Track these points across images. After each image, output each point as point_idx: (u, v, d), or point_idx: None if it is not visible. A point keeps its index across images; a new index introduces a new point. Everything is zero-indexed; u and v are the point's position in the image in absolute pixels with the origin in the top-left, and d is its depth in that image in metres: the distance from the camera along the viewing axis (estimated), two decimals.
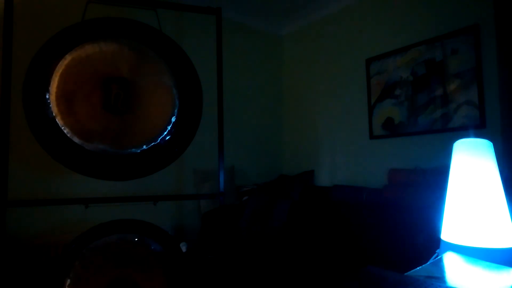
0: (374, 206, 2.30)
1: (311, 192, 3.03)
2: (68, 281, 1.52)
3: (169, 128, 1.70)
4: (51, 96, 1.51)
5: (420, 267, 0.66)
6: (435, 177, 2.15)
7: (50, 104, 1.52)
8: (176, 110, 1.71)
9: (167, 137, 1.71)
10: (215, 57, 2.00)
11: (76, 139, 1.55)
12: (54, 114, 1.52)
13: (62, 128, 1.53)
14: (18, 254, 2.11)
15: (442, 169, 2.12)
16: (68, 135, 1.54)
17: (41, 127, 1.52)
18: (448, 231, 0.77)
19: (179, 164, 3.02)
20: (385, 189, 2.42)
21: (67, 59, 1.54)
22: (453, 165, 0.79)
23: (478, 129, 2.18)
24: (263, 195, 2.95)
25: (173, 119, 1.70)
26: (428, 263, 0.69)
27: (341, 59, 3.22)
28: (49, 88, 1.51)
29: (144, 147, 1.66)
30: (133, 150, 1.65)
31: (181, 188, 3.07)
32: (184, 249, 2.46)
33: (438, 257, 0.73)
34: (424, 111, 2.49)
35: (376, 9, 2.92)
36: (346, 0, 3.17)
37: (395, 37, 2.74)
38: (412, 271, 0.63)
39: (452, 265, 0.69)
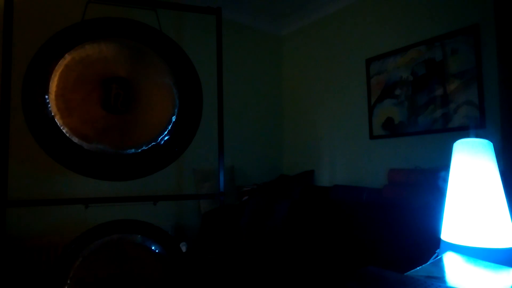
0: (374, 206, 2.30)
1: (311, 192, 3.03)
2: (68, 281, 1.52)
3: (169, 128, 1.70)
4: (50, 96, 1.51)
5: (420, 267, 0.66)
6: (435, 177, 2.14)
7: (49, 104, 1.52)
8: (176, 110, 1.71)
9: (167, 137, 1.71)
10: (215, 57, 1.99)
11: (75, 139, 1.55)
12: (53, 114, 1.52)
13: (61, 128, 1.53)
14: (18, 254, 2.11)
15: (442, 169, 2.12)
16: (67, 135, 1.54)
17: (40, 127, 1.52)
18: (448, 231, 0.77)
19: (179, 164, 3.02)
20: (385, 189, 2.42)
21: (67, 59, 1.53)
22: (453, 165, 0.79)
23: (478, 129, 2.18)
24: (263, 195, 2.95)
25: (173, 119, 1.70)
26: (428, 263, 0.69)
27: (341, 59, 3.22)
28: (49, 88, 1.51)
29: (144, 147, 1.66)
30: (133, 150, 1.65)
31: (181, 188, 3.08)
32: (184, 249, 2.46)
33: (438, 257, 0.73)
34: (424, 111, 2.49)
35: (376, 9, 2.92)
36: (346, 0, 3.17)
37: (395, 37, 2.74)
38: (412, 271, 0.63)
39: (452, 265, 0.69)
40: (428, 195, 2.06)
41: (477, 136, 0.78)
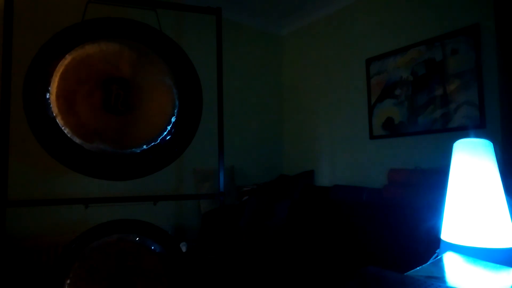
0: (374, 206, 2.30)
1: (311, 192, 3.03)
2: (68, 281, 1.52)
3: (169, 128, 1.70)
4: (52, 96, 1.51)
5: (420, 267, 0.66)
6: (435, 177, 2.15)
7: (50, 104, 1.52)
8: (176, 110, 1.71)
9: (167, 137, 1.71)
10: (215, 57, 1.99)
11: (76, 139, 1.55)
12: (54, 114, 1.52)
13: (63, 128, 1.53)
14: (18, 254, 2.11)
15: (442, 169, 2.13)
16: (69, 135, 1.54)
17: (41, 127, 1.52)
18: (448, 231, 0.77)
19: (179, 164, 3.02)
20: (385, 189, 2.41)
21: (67, 59, 1.53)
22: (453, 165, 0.79)
23: (478, 129, 2.18)
24: (263, 195, 2.95)
25: (173, 119, 1.70)
26: (428, 263, 0.69)
27: (341, 59, 3.22)
28: (49, 88, 1.51)
29: (144, 147, 1.66)
30: (133, 150, 1.65)
31: (181, 188, 3.08)
32: (184, 249, 2.46)
33: (438, 257, 0.73)
34: (424, 111, 2.49)
35: (376, 9, 2.92)
36: (346, 0, 3.17)
37: (395, 37, 2.74)
38: (412, 271, 0.63)
39: (452, 265, 0.69)
40: (428, 195, 2.06)
41: (477, 136, 0.78)
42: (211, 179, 3.06)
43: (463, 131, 2.25)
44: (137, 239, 1.69)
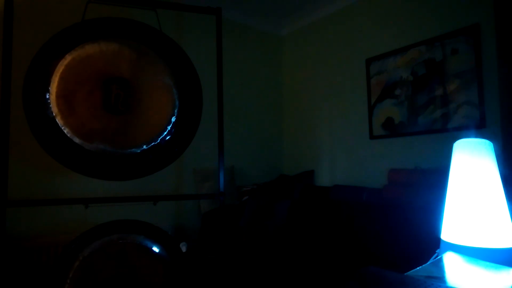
0: (374, 206, 2.30)
1: (311, 192, 3.03)
2: (68, 281, 1.52)
3: (169, 128, 1.70)
4: (51, 96, 1.51)
5: (420, 267, 0.66)
6: (435, 177, 2.15)
7: (50, 104, 1.52)
8: (176, 110, 1.71)
9: (167, 137, 1.71)
10: (215, 57, 1.99)
11: (76, 139, 1.55)
12: (54, 114, 1.52)
13: (62, 128, 1.53)
14: (18, 254, 2.11)
15: (442, 169, 2.13)
16: (68, 135, 1.54)
17: (41, 127, 1.52)
18: (448, 231, 0.77)
19: (179, 164, 3.02)
20: (385, 189, 2.41)
21: (67, 59, 1.53)
22: (453, 165, 0.79)
23: (478, 129, 2.18)
24: (263, 195, 2.95)
25: (173, 119, 1.70)
26: (428, 263, 0.69)
27: (341, 59, 3.22)
28: (49, 88, 1.51)
29: (144, 147, 1.66)
30: (134, 150, 1.65)
31: (181, 188, 3.08)
32: (184, 249, 2.46)
33: (438, 257, 0.73)
34: (424, 111, 2.49)
35: (376, 9, 2.92)
36: (346, 0, 3.17)
37: (395, 37, 2.74)
38: (412, 271, 0.63)
39: (452, 265, 0.69)
40: (428, 195, 2.06)
41: (477, 136, 0.78)
42: (211, 179, 3.06)
43: (463, 131, 2.25)
44: (137, 239, 1.69)
